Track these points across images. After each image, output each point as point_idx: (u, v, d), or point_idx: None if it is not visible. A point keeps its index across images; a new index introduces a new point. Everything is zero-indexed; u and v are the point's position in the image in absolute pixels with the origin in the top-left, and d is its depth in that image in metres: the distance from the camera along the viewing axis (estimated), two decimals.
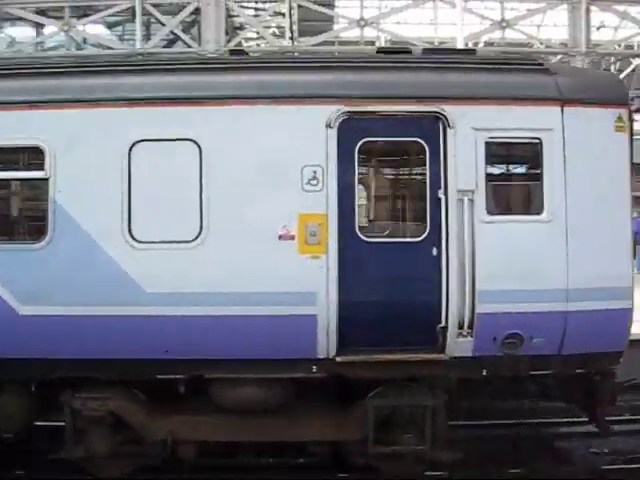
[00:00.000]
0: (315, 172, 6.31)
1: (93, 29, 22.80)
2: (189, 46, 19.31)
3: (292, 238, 6.26)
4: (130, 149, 6.31)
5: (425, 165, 6.42)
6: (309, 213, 6.30)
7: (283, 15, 20.75)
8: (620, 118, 6.59)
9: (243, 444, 6.96)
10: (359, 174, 6.51)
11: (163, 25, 19.60)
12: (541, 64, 7.07)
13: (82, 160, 6.39)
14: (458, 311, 6.23)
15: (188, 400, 6.68)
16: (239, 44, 20.52)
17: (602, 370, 6.79)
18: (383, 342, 6.36)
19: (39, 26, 22.29)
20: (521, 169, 6.93)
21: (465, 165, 6.34)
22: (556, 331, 6.44)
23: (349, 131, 6.42)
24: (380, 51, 8.96)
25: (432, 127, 6.41)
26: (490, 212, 6.39)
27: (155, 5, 19.35)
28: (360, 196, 6.57)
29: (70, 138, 6.39)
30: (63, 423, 6.64)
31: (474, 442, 7.81)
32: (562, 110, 6.49)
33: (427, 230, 6.37)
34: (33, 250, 6.38)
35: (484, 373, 6.60)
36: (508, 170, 6.94)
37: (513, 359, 6.44)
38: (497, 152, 6.57)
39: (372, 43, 22.45)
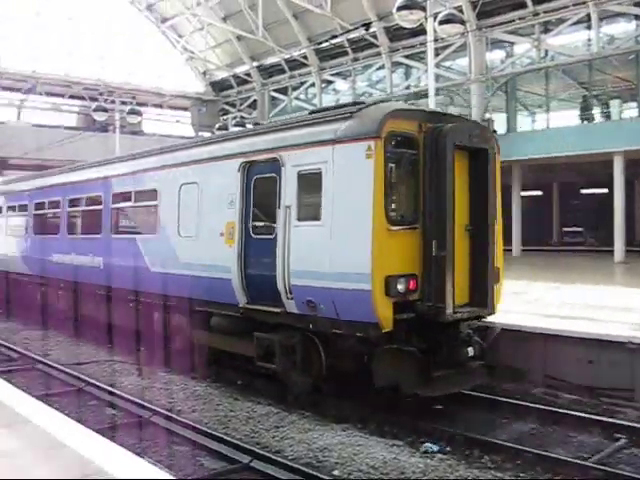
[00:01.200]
0: (232, 197, 10.87)
1: None
2: None
3: (222, 235, 11.00)
4: (180, 188, 12.23)
5: (277, 190, 10.15)
6: (229, 221, 10.89)
7: None
8: (369, 148, 8.81)
9: None
10: (253, 197, 10.69)
11: None
12: (348, 114, 9.57)
13: (167, 194, 12.67)
14: (283, 282, 9.84)
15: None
16: None
17: (373, 337, 8.97)
18: (264, 298, 10.36)
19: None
20: (314, 191, 9.44)
21: (289, 189, 9.92)
22: (329, 301, 9.19)
23: (248, 173, 10.75)
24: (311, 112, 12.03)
25: (277, 166, 10.12)
26: (298, 219, 9.72)
27: None
28: (253, 210, 10.70)
29: (163, 184, 12.86)
30: None
31: None
32: (333, 147, 9.26)
33: (275, 231, 10.08)
34: (153, 239, 13.04)
35: (310, 327, 9.80)
36: (308, 192, 9.66)
37: (316, 318, 9.55)
38: (303, 180, 9.74)
39: None
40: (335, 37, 24.75)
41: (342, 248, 9.17)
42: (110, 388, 10.78)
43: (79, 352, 14.42)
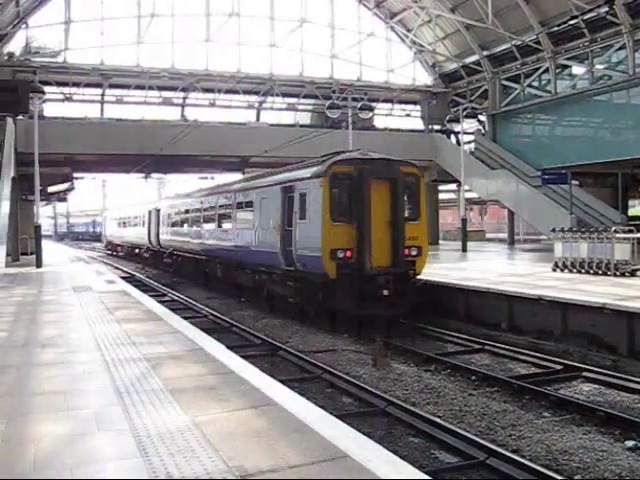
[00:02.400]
0: (277, 206, 18.33)
1: None
2: None
3: (274, 228, 18.47)
4: (260, 200, 20.00)
5: (293, 203, 17.42)
6: (277, 220, 18.44)
7: None
8: (322, 182, 15.84)
9: None
10: (286, 207, 17.71)
11: None
12: (317, 163, 17.38)
13: (257, 204, 20.30)
14: (295, 253, 17.15)
15: None
16: None
17: (326, 280, 15.85)
18: (289, 263, 17.39)
19: None
20: (304, 203, 16.76)
21: (295, 202, 17.17)
22: (309, 263, 16.33)
23: (282, 193, 18.10)
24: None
25: (292, 190, 17.40)
26: (299, 219, 16.91)
27: None
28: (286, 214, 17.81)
29: (255, 198, 20.57)
30: None
31: None
32: (310, 181, 16.66)
33: (292, 226, 17.12)
34: (248, 230, 20.84)
35: (303, 277, 16.97)
36: (302, 204, 17.11)
37: (306, 272, 16.76)
38: (301, 198, 17.03)
39: None
40: (574, 18, 23.39)
41: (312, 234, 16.17)
42: (346, 376, 11.07)
43: (316, 340, 15.00)
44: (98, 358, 7.81)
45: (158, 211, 35.82)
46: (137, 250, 43.48)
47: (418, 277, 16.54)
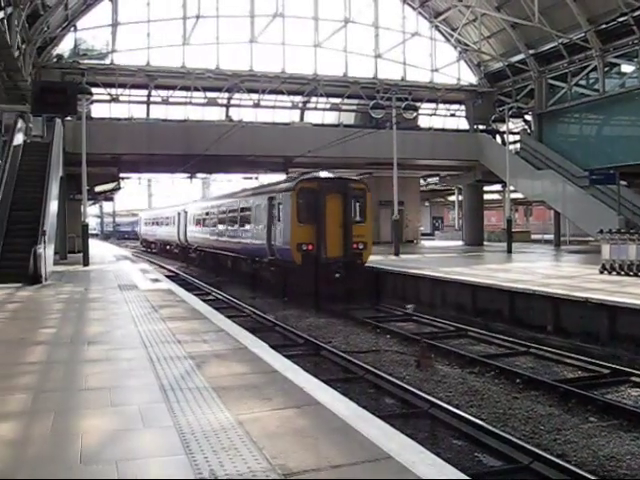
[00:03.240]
0: (265, 211, 24.50)
1: None
2: None
3: (264, 227, 24.24)
4: (254, 206, 25.94)
5: (275, 209, 23.49)
6: (265, 221, 24.25)
7: None
8: (291, 194, 21.99)
9: None
10: (270, 211, 23.60)
11: None
12: (289, 180, 24.29)
13: (253, 209, 26.19)
14: (275, 246, 23.23)
15: None
16: None
17: (294, 266, 21.75)
18: (272, 254, 23.40)
19: None
20: (280, 209, 22.83)
21: (275, 208, 23.36)
22: (283, 253, 22.54)
23: (268, 201, 23.94)
24: None
25: (274, 199, 23.29)
26: (277, 220, 23.09)
27: None
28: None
29: (251, 204, 26.47)
30: None
31: None
32: (284, 193, 22.73)
33: (273, 225, 23.29)
34: (248, 229, 26.93)
35: (280, 264, 23.16)
36: (279, 210, 22.97)
37: (280, 260, 23.05)
38: (278, 205, 23.15)
39: None
40: (623, 15, 22.93)
41: (284, 232, 22.01)
42: (389, 377, 11.02)
43: (359, 340, 14.99)
44: (143, 355, 7.90)
45: (185, 213, 40.87)
46: (168, 247, 49.03)
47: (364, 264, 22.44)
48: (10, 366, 7.56)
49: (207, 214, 35.56)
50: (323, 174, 23.89)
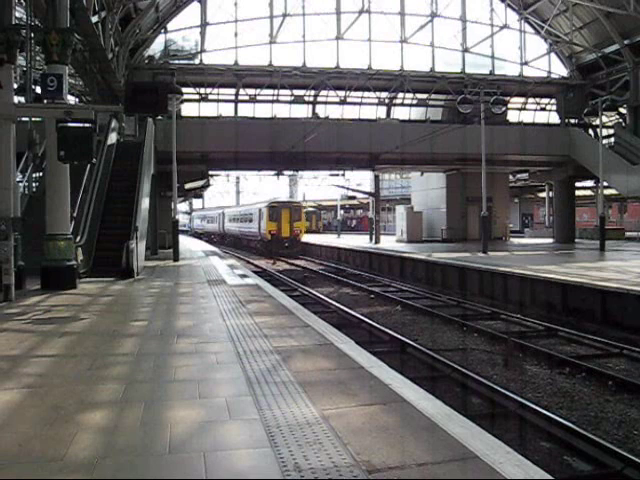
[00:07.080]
0: (258, 216, 52.26)
1: None
2: None
3: (257, 224, 54.03)
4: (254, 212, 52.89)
5: (262, 215, 52.14)
6: (257, 221, 55.94)
7: None
8: (267, 209, 50.62)
9: None
10: (260, 216, 51.82)
11: None
12: (268, 202, 53.16)
13: (253, 215, 52.86)
14: (262, 234, 52.26)
15: None
16: None
17: (265, 241, 51.46)
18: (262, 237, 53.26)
19: None
20: (261, 216, 53.69)
21: (260, 215, 52.62)
22: (263, 234, 51.91)
23: (259, 211, 52.14)
24: None
25: (260, 210, 52.00)
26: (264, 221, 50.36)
27: None
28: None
29: (252, 211, 54.57)
30: None
31: None
32: (265, 207, 51.55)
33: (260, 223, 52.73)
34: (245, 225, 56.75)
35: (262, 240, 52.72)
36: (262, 217, 52.37)
37: (260, 239, 54.70)
38: (260, 214, 53.21)
39: None
40: None
41: (263, 226, 50.04)
42: (476, 376, 10.85)
43: (445, 338, 14.83)
44: (230, 349, 8.02)
45: (224, 213, 69.78)
46: (212, 236, 74.14)
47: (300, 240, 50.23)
48: (103, 357, 7.80)
49: (232, 214, 66.09)
50: (281, 199, 54.73)
